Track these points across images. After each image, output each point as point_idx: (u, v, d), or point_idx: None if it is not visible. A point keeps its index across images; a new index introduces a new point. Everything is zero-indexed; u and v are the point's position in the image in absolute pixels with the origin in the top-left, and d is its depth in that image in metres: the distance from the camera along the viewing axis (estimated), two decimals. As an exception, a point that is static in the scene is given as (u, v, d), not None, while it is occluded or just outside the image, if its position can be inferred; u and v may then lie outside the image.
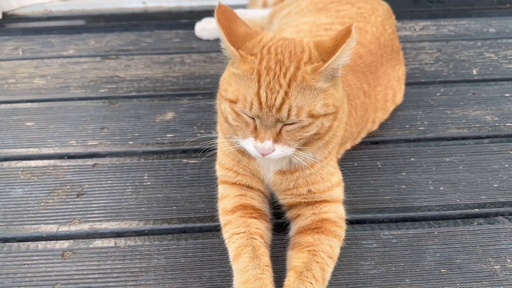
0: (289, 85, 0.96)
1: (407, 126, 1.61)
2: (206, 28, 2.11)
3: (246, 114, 1.00)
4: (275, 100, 0.96)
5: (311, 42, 1.02)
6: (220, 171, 1.24)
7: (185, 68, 1.95)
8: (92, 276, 1.14)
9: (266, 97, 0.96)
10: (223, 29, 0.99)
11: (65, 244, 1.22)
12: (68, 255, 1.19)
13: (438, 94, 1.76)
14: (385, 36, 1.55)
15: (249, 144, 1.02)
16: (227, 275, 1.12)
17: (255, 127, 1.01)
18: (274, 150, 1.01)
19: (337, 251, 1.11)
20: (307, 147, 1.07)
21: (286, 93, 0.96)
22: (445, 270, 1.14)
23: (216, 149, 1.26)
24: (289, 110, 0.96)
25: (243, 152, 1.17)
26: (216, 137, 1.25)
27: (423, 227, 1.25)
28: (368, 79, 1.43)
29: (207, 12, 2.32)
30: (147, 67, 1.95)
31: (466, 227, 1.25)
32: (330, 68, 0.98)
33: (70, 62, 1.99)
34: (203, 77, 1.89)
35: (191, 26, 2.20)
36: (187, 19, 2.28)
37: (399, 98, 1.64)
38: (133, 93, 1.79)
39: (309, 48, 1.01)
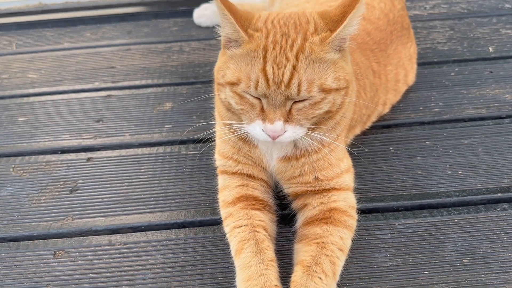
0: (296, 58, 0.88)
1: (421, 108, 1.50)
2: (204, 14, 2.02)
3: (251, 95, 0.92)
4: (283, 75, 0.88)
5: (314, 12, 0.95)
6: (219, 161, 1.16)
7: (183, 57, 1.86)
8: (85, 276, 1.06)
9: (273, 73, 0.88)
10: (227, 10, 0.90)
11: (57, 242, 1.15)
12: (60, 254, 1.12)
13: (452, 74, 1.65)
14: (394, 12, 1.45)
15: (257, 128, 0.94)
16: (229, 272, 1.04)
17: (262, 108, 0.92)
18: (285, 132, 0.92)
19: (348, 243, 1.02)
20: (317, 127, 0.98)
21: (294, 67, 0.88)
22: (467, 261, 1.05)
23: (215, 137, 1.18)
24: (299, 85, 0.88)
25: (244, 139, 1.08)
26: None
27: (442, 214, 1.16)
28: (377, 57, 1.33)
29: (206, -2, 2.23)
30: (144, 57, 1.87)
31: (488, 213, 1.16)
32: (338, 37, 0.90)
33: (65, 55, 1.91)
34: (203, 65, 1.80)
35: (190, 14, 2.11)
36: (185, 6, 2.19)
37: (411, 79, 1.54)
38: (130, 84, 1.71)
39: (314, 19, 0.93)
